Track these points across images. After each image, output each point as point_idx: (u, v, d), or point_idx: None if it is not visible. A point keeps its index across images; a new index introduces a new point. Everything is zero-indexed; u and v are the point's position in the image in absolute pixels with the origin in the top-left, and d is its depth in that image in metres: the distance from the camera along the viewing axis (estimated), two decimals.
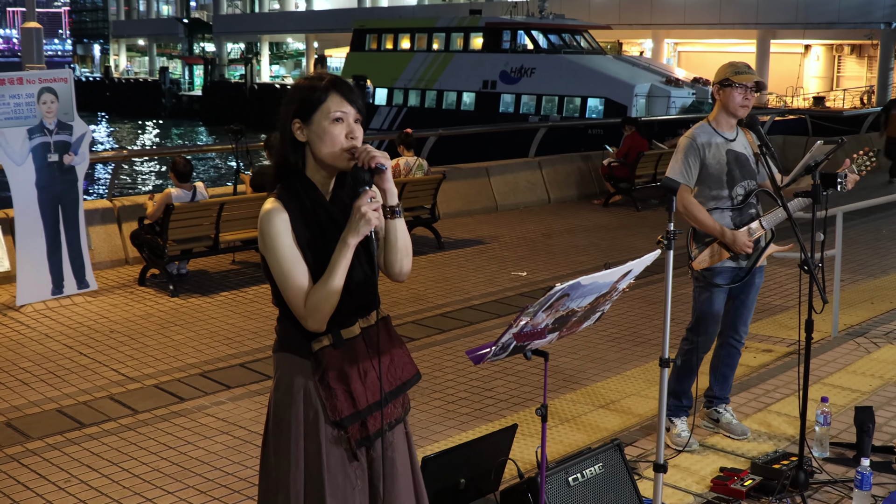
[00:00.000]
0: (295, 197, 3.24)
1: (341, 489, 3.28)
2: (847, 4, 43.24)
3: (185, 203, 10.25)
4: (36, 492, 5.54)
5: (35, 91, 9.33)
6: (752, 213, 5.94)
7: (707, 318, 6.03)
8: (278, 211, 3.19)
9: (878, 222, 14.35)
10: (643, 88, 37.50)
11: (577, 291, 3.57)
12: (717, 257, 5.90)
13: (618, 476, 4.96)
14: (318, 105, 3.21)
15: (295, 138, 3.26)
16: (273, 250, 3.18)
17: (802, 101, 44.15)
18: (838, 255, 8.66)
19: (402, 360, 3.42)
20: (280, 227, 3.18)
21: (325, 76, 3.27)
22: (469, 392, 7.21)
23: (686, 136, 5.97)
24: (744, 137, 5.99)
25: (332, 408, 3.24)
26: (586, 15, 48.78)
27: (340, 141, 3.20)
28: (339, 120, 3.21)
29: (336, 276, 3.13)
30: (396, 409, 3.40)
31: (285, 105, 3.29)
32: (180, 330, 8.83)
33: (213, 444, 6.24)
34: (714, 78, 5.97)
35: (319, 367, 3.24)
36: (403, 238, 3.31)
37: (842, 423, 6.40)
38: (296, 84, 3.34)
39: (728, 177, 5.85)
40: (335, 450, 3.28)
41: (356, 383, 3.26)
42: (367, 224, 3.10)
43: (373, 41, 48.79)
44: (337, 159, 3.22)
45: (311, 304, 3.16)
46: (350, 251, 3.14)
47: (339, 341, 3.26)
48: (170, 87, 76.79)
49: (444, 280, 10.72)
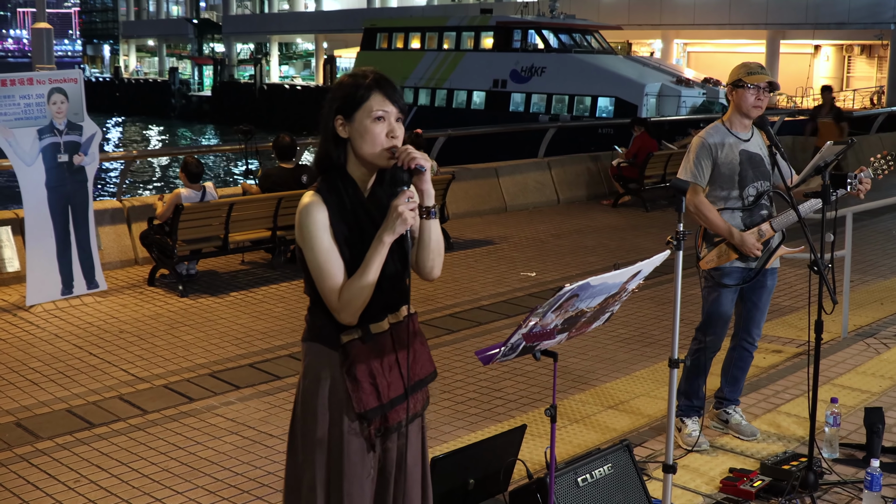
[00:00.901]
0: (334, 192, 3.30)
1: (358, 477, 3.36)
2: (857, 5, 43.14)
3: (195, 203, 10.26)
4: (46, 492, 5.56)
5: (45, 91, 9.35)
6: (763, 213, 5.91)
7: (716, 319, 6.02)
8: (317, 205, 3.25)
9: (887, 223, 14.32)
10: (654, 88, 37.47)
11: (586, 292, 3.57)
12: (725, 257, 5.88)
13: (627, 476, 4.95)
14: (361, 103, 3.26)
15: (337, 134, 3.32)
16: (310, 243, 3.24)
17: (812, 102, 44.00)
18: (848, 256, 8.63)
19: (423, 356, 3.49)
20: (318, 221, 3.23)
21: (370, 73, 3.32)
22: (478, 392, 7.21)
23: (698, 135, 5.97)
24: (759, 138, 5.98)
25: (358, 400, 3.30)
26: (596, 15, 48.76)
27: (381, 140, 3.25)
28: (380, 119, 3.26)
29: (370, 272, 3.20)
30: (416, 404, 3.47)
31: (329, 101, 3.35)
32: (189, 330, 8.84)
33: (223, 444, 6.24)
34: (727, 79, 5.96)
35: (347, 360, 3.30)
36: (437, 238, 3.37)
37: (851, 423, 6.38)
38: (340, 80, 3.38)
39: (740, 177, 5.84)
40: (355, 439, 3.35)
41: (381, 377, 3.33)
42: (403, 223, 3.15)
43: (383, 40, 48.83)
44: (377, 157, 3.27)
45: (345, 298, 3.23)
46: (385, 249, 3.20)
47: (368, 336, 3.32)
48: (179, 87, 76.86)
49: (453, 280, 10.72)
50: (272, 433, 6.40)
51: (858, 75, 49.03)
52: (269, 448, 6.16)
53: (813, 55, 49.20)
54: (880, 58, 47.29)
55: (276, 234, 10.98)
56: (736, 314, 6.20)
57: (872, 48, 47.90)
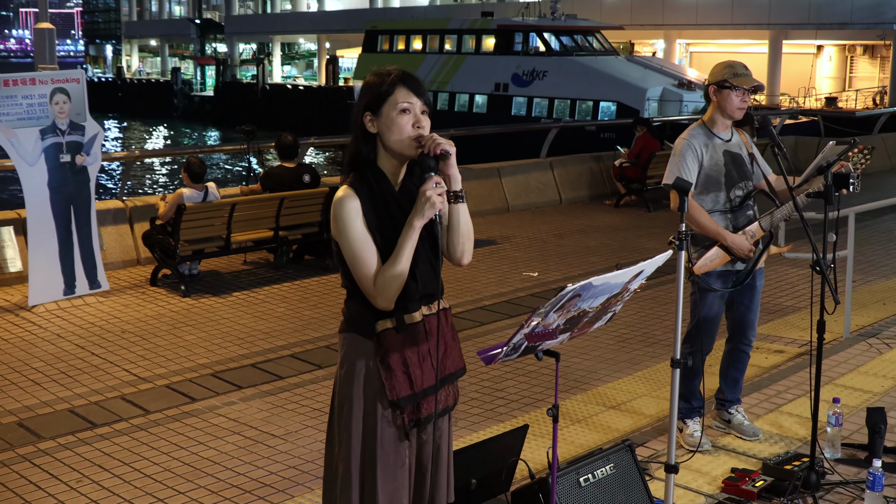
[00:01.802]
0: (366, 185, 3.43)
1: (392, 465, 3.47)
2: (860, 5, 43.09)
3: (197, 203, 10.27)
4: (48, 491, 5.56)
5: (47, 91, 9.36)
6: (749, 214, 5.89)
7: (706, 323, 5.97)
8: (350, 198, 3.38)
9: (889, 223, 14.31)
10: (655, 92, 37.43)
11: (588, 292, 3.57)
12: (719, 261, 5.83)
13: (629, 477, 4.95)
14: (387, 97, 3.42)
15: (366, 130, 3.46)
16: (345, 233, 3.37)
17: (815, 102, 44.06)
18: (850, 256, 8.63)
19: (454, 351, 3.62)
20: (351, 213, 3.36)
21: (394, 70, 3.50)
22: (480, 392, 7.21)
23: (682, 138, 5.88)
24: (738, 137, 5.94)
25: (391, 388, 3.41)
26: (598, 15, 48.72)
27: (407, 130, 3.40)
28: (405, 111, 3.41)
29: (403, 257, 3.31)
30: (449, 397, 3.61)
31: (358, 100, 3.50)
32: (192, 330, 8.84)
33: (225, 444, 6.25)
34: (710, 78, 5.88)
35: (381, 348, 3.42)
36: (466, 222, 3.49)
37: (854, 424, 6.38)
38: (365, 79, 3.55)
39: (726, 178, 5.79)
40: (389, 428, 3.46)
41: (414, 367, 3.44)
42: (431, 207, 3.26)
43: (385, 42, 48.83)
44: (405, 147, 3.40)
45: (380, 284, 3.34)
46: (416, 233, 3.31)
47: (402, 325, 3.43)
48: (182, 87, 76.90)
49: (455, 280, 10.71)
50: (274, 433, 6.41)
51: (861, 76, 48.98)
52: (272, 448, 6.16)
53: (815, 55, 49.16)
54: (883, 58, 47.24)
55: (279, 235, 10.99)
56: (729, 318, 6.18)
57: (875, 48, 47.85)
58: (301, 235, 11.33)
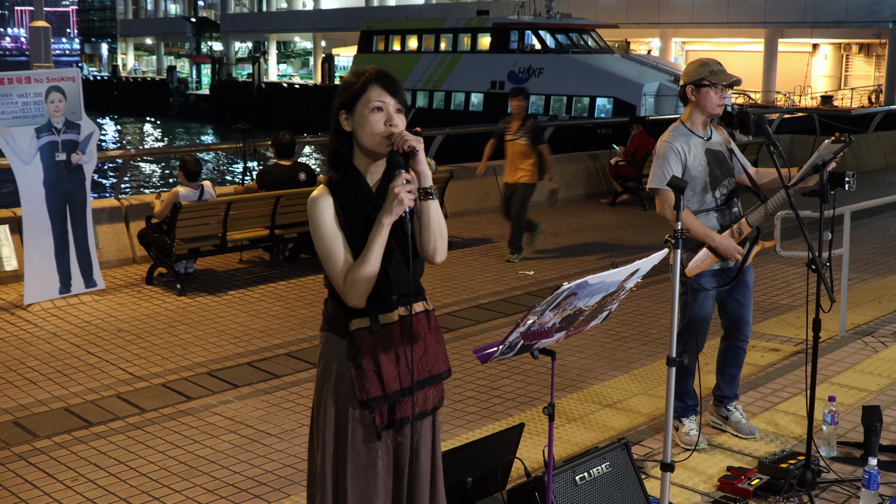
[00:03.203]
0: (341, 183, 3.44)
1: (363, 465, 3.45)
2: (855, 3, 43.15)
3: (193, 202, 10.25)
4: (43, 490, 5.55)
5: (43, 90, 9.35)
6: (735, 211, 5.88)
7: (697, 322, 5.94)
8: (323, 196, 3.40)
9: (885, 221, 14.33)
10: (652, 87, 37.46)
11: (584, 290, 3.57)
12: (709, 262, 5.83)
13: (625, 475, 4.95)
14: (360, 95, 3.42)
15: (342, 128, 3.45)
16: (316, 231, 3.39)
17: (810, 101, 44.10)
18: (846, 254, 8.63)
19: (436, 353, 3.56)
20: (323, 210, 3.38)
21: (370, 69, 3.48)
22: (476, 391, 7.21)
23: (663, 139, 5.83)
24: (717, 134, 5.94)
25: (361, 388, 3.40)
26: (594, 14, 48.74)
27: (379, 127, 3.38)
28: (378, 109, 3.39)
29: (372, 255, 3.30)
30: (427, 400, 3.54)
31: (335, 99, 3.51)
32: (188, 329, 8.84)
33: (221, 442, 6.24)
34: (685, 78, 5.85)
35: (353, 347, 3.41)
36: (437, 219, 3.43)
37: (849, 422, 6.38)
38: (344, 79, 3.57)
39: (711, 177, 5.76)
40: (361, 428, 3.45)
41: (387, 367, 3.41)
42: (400, 204, 3.24)
43: (380, 42, 48.79)
44: (377, 145, 3.39)
45: (350, 281, 3.33)
46: (385, 230, 3.29)
47: (376, 325, 3.41)
48: (177, 86, 76.84)
49: (451, 279, 10.72)
50: (270, 432, 6.40)
51: (856, 74, 49.06)
52: (268, 447, 6.16)
53: (811, 54, 49.23)
54: (878, 56, 47.33)
55: (275, 233, 10.98)
56: (723, 316, 6.17)
57: (871, 47, 47.93)
58: (297, 234, 11.32)
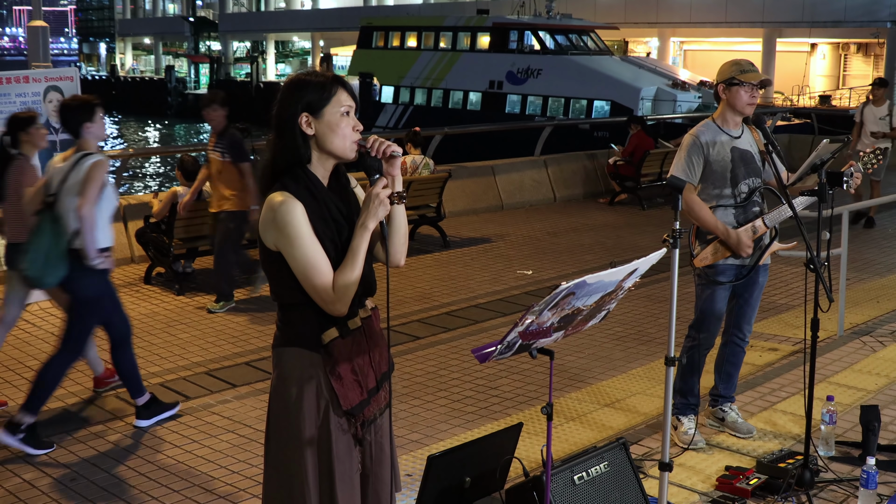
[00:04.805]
0: (304, 189, 3.31)
1: (348, 473, 3.43)
2: (853, 3, 43.12)
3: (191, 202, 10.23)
4: (42, 490, 5.55)
5: (41, 89, 9.35)
6: (755, 210, 5.92)
7: (709, 316, 6.02)
8: (294, 202, 3.25)
9: (883, 221, 14.32)
10: (649, 92, 37.43)
11: (582, 290, 3.57)
12: (719, 255, 5.88)
13: (623, 475, 4.95)
14: (329, 99, 3.33)
15: (303, 132, 3.34)
16: (296, 241, 3.23)
17: (808, 100, 44.07)
18: (844, 254, 8.64)
19: (383, 350, 3.54)
20: (300, 218, 3.24)
21: (326, 73, 3.43)
22: (474, 391, 7.21)
23: (690, 133, 5.95)
24: (750, 135, 5.97)
25: (344, 397, 3.37)
26: (592, 14, 48.70)
27: (350, 133, 3.34)
28: (347, 113, 3.35)
29: (359, 260, 3.26)
30: (385, 395, 3.55)
31: (290, 100, 3.37)
32: (186, 328, 8.83)
33: (219, 442, 6.24)
34: (718, 76, 5.93)
35: (331, 360, 3.35)
36: (405, 223, 3.48)
37: (847, 421, 6.39)
38: (298, 79, 3.41)
39: (732, 174, 5.83)
40: (342, 437, 3.41)
41: (363, 371, 3.42)
42: (384, 208, 3.23)
43: (380, 39, 48.73)
44: (346, 150, 3.35)
45: (340, 290, 3.25)
46: (369, 235, 3.27)
47: (346, 332, 3.37)
48: (175, 85, 76.70)
49: (449, 279, 10.72)
50: None
51: (854, 73, 49.00)
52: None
53: (809, 53, 49.20)
54: (876, 56, 47.27)
55: None
56: (727, 310, 6.20)
57: (869, 46, 47.89)
58: None
